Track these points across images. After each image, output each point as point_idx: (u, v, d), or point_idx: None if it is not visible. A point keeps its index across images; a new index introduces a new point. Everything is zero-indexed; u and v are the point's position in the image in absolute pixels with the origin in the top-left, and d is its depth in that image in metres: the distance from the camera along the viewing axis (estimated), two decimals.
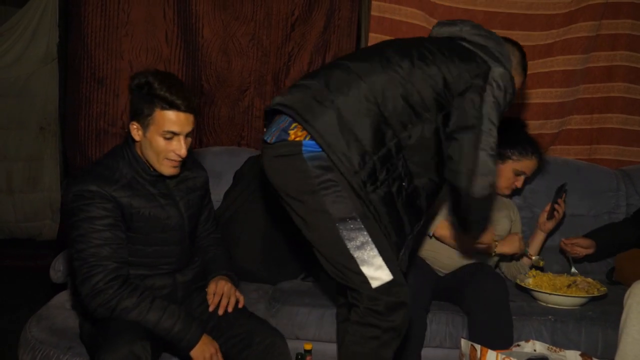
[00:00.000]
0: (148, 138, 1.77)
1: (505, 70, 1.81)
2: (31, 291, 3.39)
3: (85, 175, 1.78)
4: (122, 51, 2.89)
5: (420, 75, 1.70)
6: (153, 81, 1.72)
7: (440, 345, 2.26)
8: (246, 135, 3.11)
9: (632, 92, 3.10)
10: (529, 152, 2.49)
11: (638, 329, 1.99)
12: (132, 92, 1.77)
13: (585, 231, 2.79)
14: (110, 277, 1.70)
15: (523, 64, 2.17)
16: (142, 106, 1.74)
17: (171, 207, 1.87)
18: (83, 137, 2.91)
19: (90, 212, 1.72)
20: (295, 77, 3.07)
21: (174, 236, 1.89)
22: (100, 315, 1.71)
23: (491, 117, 1.76)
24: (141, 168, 1.82)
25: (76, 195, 1.74)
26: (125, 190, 1.78)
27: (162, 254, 1.88)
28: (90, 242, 1.71)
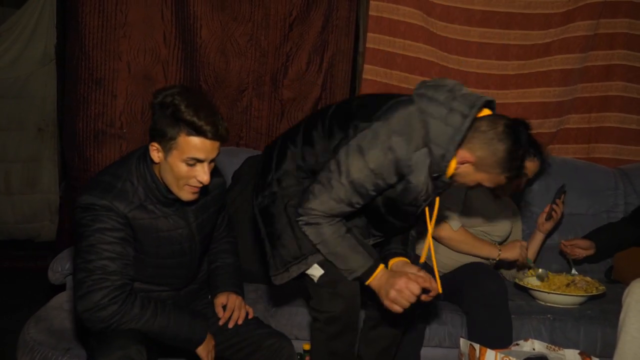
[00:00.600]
0: (169, 162, 1.63)
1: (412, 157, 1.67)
2: (30, 292, 3.38)
3: (99, 187, 1.67)
4: (120, 52, 2.88)
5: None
6: (179, 103, 1.57)
7: (439, 345, 2.26)
8: (245, 136, 3.10)
9: (630, 91, 3.10)
10: (531, 154, 2.47)
11: (637, 327, 2.00)
12: (154, 110, 1.62)
13: (584, 230, 2.79)
14: (114, 295, 1.61)
15: (508, 164, 1.76)
16: (165, 128, 1.59)
17: (184, 229, 1.78)
18: (81, 138, 2.90)
19: (103, 222, 1.63)
20: (293, 78, 3.08)
21: (183, 261, 1.82)
22: (99, 329, 1.63)
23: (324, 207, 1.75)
24: (158, 190, 1.70)
25: (89, 207, 1.64)
26: (139, 211, 1.68)
27: (169, 276, 1.82)
28: (100, 254, 1.61)
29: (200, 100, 1.64)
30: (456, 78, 3.04)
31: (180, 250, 1.79)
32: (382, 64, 3.04)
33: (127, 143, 2.89)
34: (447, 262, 2.44)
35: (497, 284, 2.22)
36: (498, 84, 3.06)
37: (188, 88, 1.71)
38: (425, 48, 3.03)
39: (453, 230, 2.37)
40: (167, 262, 1.79)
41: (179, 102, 1.57)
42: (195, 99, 1.62)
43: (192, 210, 1.80)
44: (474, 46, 3.04)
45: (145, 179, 1.70)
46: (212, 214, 1.89)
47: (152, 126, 1.64)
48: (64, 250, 2.44)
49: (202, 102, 1.63)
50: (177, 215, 1.77)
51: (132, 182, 1.69)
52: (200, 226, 1.83)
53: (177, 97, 1.59)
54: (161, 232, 1.73)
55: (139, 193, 1.69)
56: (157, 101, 1.61)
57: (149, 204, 1.71)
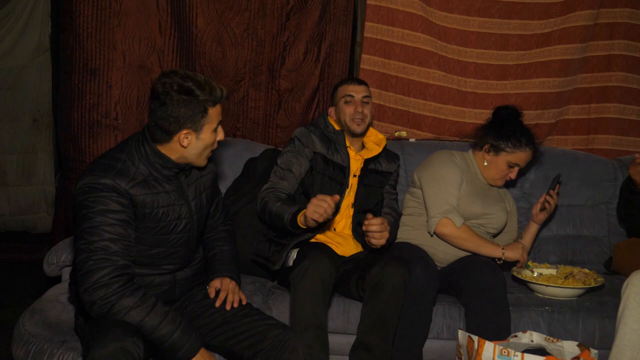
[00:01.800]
0: (201, 138, 1.78)
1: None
2: (26, 284, 3.37)
3: (99, 168, 1.71)
4: (114, 41, 2.84)
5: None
6: (191, 85, 1.71)
7: (437, 337, 2.26)
8: (241, 126, 3.08)
9: (630, 81, 3.08)
10: (523, 144, 2.46)
11: (636, 319, 1.99)
12: (173, 103, 1.70)
13: (582, 222, 2.79)
14: (115, 274, 1.63)
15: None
16: (194, 111, 1.73)
17: (183, 207, 1.84)
18: (76, 129, 2.87)
19: (105, 204, 1.66)
20: (290, 68, 3.04)
21: (181, 239, 1.85)
22: (96, 311, 1.63)
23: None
24: (164, 165, 1.77)
25: (90, 187, 1.67)
26: (141, 187, 1.73)
27: (165, 256, 1.84)
28: (102, 235, 1.64)
29: (194, 74, 1.77)
30: (455, 68, 3.03)
31: (179, 226, 1.83)
32: (380, 53, 3.02)
33: (123, 134, 2.86)
34: (443, 257, 2.43)
35: (496, 276, 2.21)
36: (497, 75, 3.04)
37: (175, 70, 1.76)
38: (424, 38, 3.01)
39: (456, 227, 2.35)
40: (165, 240, 1.81)
41: (192, 87, 1.72)
42: (191, 75, 1.75)
43: (190, 190, 1.87)
44: (473, 36, 3.02)
45: (147, 157, 1.77)
46: (207, 195, 1.96)
47: (177, 117, 1.72)
48: (59, 242, 2.42)
49: (199, 77, 1.76)
50: (176, 192, 1.83)
51: (133, 161, 1.76)
52: (197, 206, 1.89)
53: (182, 82, 1.71)
54: (161, 208, 1.78)
55: (140, 170, 1.76)
56: (174, 96, 1.70)
57: (152, 179, 1.77)
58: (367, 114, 2.41)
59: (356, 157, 2.43)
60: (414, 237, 2.46)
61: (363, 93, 2.42)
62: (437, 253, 2.43)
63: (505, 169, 2.49)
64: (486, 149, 2.50)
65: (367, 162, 2.43)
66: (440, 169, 2.45)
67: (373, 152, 2.45)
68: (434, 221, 2.38)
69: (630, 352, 1.98)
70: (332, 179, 2.36)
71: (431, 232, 2.41)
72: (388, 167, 2.50)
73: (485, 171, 2.52)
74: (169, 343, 1.67)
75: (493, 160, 2.49)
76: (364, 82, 2.47)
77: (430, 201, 2.42)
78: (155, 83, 1.73)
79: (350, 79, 2.50)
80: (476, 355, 1.95)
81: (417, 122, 3.07)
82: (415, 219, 2.50)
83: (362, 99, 2.41)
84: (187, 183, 1.87)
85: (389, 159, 2.52)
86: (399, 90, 3.04)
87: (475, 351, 1.96)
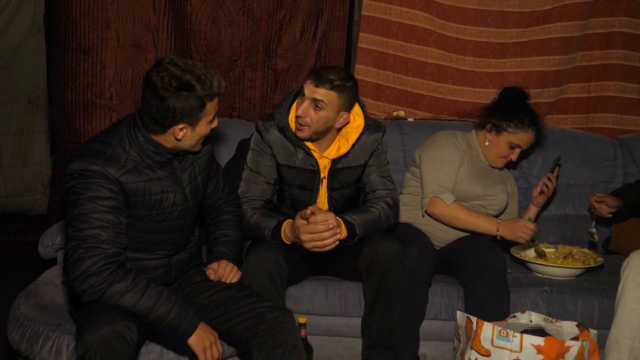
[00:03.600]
0: (197, 131, 1.74)
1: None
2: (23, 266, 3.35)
3: (88, 154, 1.68)
4: (107, 20, 2.78)
5: None
6: (191, 80, 1.65)
7: (435, 317, 2.26)
8: (238, 107, 3.04)
9: (630, 59, 3.04)
10: (526, 125, 2.43)
11: (635, 299, 1.99)
12: (171, 98, 1.65)
13: (582, 201, 2.78)
14: (105, 262, 1.61)
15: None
16: (192, 106, 1.68)
17: (178, 193, 1.81)
18: (70, 110, 2.83)
19: (94, 191, 1.63)
20: (287, 47, 3.00)
21: (176, 225, 1.83)
22: (87, 299, 1.62)
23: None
24: (153, 150, 1.73)
25: (79, 173, 1.64)
26: (132, 175, 1.69)
27: (160, 241, 1.82)
28: (91, 223, 1.62)
29: (195, 65, 1.70)
30: (454, 46, 2.99)
31: (174, 213, 1.81)
32: (378, 32, 2.97)
33: (117, 114, 2.82)
34: (443, 237, 2.42)
35: (496, 256, 2.19)
36: (497, 53, 3.00)
37: (173, 60, 1.69)
38: (422, 16, 2.96)
39: (446, 205, 2.33)
40: (159, 227, 1.79)
41: (191, 80, 1.66)
42: (194, 68, 1.69)
43: (184, 175, 1.84)
44: (472, 13, 2.97)
45: (138, 143, 1.72)
46: (203, 179, 1.93)
47: (175, 111, 1.66)
48: (54, 224, 2.40)
49: (198, 66, 1.70)
50: (170, 179, 1.79)
51: (124, 147, 1.71)
52: (192, 191, 1.86)
53: (181, 76, 1.65)
54: (154, 195, 1.75)
55: (132, 157, 1.71)
56: (173, 92, 1.64)
57: (143, 166, 1.73)
58: (312, 120, 2.04)
59: (322, 158, 2.17)
60: (415, 216, 2.44)
61: (314, 95, 2.02)
62: (436, 233, 2.41)
63: (506, 150, 2.45)
64: (488, 128, 2.47)
65: (335, 162, 2.18)
66: (440, 149, 2.42)
67: (342, 150, 2.16)
68: (425, 201, 2.37)
69: (629, 331, 1.98)
70: (302, 188, 2.18)
71: (422, 212, 2.38)
72: (364, 155, 2.20)
73: (486, 151, 2.49)
74: (166, 322, 1.66)
75: (494, 140, 2.46)
76: (328, 82, 2.01)
77: (425, 181, 2.40)
78: (152, 73, 1.66)
79: (317, 72, 2.06)
80: (475, 336, 1.95)
81: (415, 102, 3.03)
82: (416, 198, 2.48)
83: (313, 100, 2.03)
84: (181, 169, 1.83)
85: (364, 147, 2.19)
86: (397, 69, 3.01)
87: (473, 332, 1.96)
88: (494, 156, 2.48)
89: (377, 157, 2.24)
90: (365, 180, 2.24)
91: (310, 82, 2.05)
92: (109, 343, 1.52)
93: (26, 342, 1.84)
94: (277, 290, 1.99)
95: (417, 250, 2.15)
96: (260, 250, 2.01)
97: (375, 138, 2.22)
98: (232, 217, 2.07)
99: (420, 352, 2.25)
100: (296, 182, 2.18)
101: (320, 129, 2.09)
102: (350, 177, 2.21)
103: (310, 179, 2.17)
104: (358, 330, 2.18)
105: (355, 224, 2.05)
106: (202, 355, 1.70)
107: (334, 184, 2.19)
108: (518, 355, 1.90)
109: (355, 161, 2.20)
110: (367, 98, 2.95)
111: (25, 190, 4.54)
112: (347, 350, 2.31)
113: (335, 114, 2.08)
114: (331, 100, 2.04)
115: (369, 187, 2.24)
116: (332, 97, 2.03)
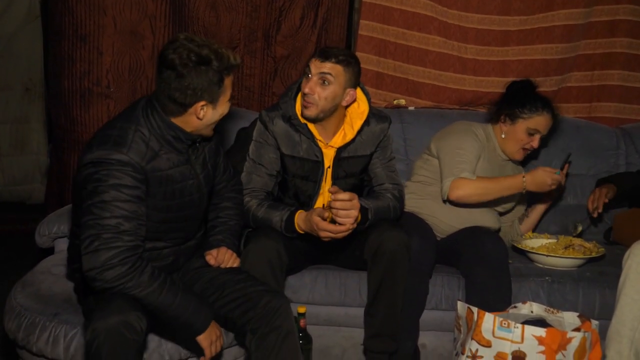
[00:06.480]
0: (218, 109, 1.71)
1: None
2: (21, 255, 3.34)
3: (109, 141, 1.62)
4: (104, 6, 2.75)
5: None
6: (209, 54, 1.62)
7: (436, 307, 2.24)
8: (236, 95, 3.01)
9: (634, 47, 3.01)
10: (539, 108, 2.37)
11: (637, 290, 1.98)
12: (191, 74, 1.61)
13: (584, 191, 2.76)
14: (126, 255, 1.56)
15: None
16: (212, 81, 1.65)
17: (194, 180, 1.79)
18: (67, 98, 2.80)
19: (119, 179, 1.58)
20: (286, 34, 2.96)
21: (192, 214, 1.81)
22: (100, 291, 1.58)
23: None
24: (174, 135, 1.69)
25: (102, 162, 1.59)
26: (156, 162, 1.67)
27: (173, 229, 1.79)
28: (114, 212, 1.56)
29: (209, 43, 1.67)
30: (456, 34, 2.95)
31: (191, 202, 1.79)
32: (378, 19, 2.93)
33: (115, 102, 2.79)
34: (444, 229, 2.39)
35: (497, 246, 2.17)
36: (499, 41, 2.96)
37: (189, 36, 1.67)
38: (423, 2, 2.92)
39: (471, 180, 2.23)
40: (176, 216, 1.76)
41: (208, 55, 1.62)
42: (209, 45, 1.66)
43: (198, 163, 1.82)
44: (474, 1, 2.93)
45: (157, 128, 1.68)
46: (212, 165, 1.91)
47: (194, 89, 1.63)
48: (51, 213, 2.38)
49: (212, 43, 1.67)
50: (187, 166, 1.77)
51: (143, 132, 1.67)
52: (206, 178, 1.85)
53: (199, 51, 1.62)
54: (176, 184, 1.72)
55: (152, 143, 1.67)
56: (192, 67, 1.61)
57: (164, 153, 1.69)
58: (320, 97, 2.03)
59: (327, 148, 2.16)
60: (420, 206, 2.41)
61: (321, 69, 2.02)
62: (439, 224, 2.38)
63: (524, 138, 2.39)
64: (502, 119, 2.42)
65: (340, 151, 2.15)
66: (460, 138, 2.36)
67: (348, 137, 2.15)
68: (445, 187, 2.26)
69: (631, 322, 1.97)
70: (305, 179, 2.17)
71: (444, 197, 2.29)
72: (370, 145, 2.19)
73: (503, 144, 2.43)
74: (182, 320, 1.65)
75: (510, 130, 2.41)
76: (333, 56, 2.03)
77: (444, 168, 2.32)
78: (168, 52, 1.62)
79: (321, 50, 2.10)
80: (475, 326, 1.93)
81: (416, 90, 3.00)
82: (424, 187, 2.44)
83: (320, 75, 2.03)
84: (196, 156, 1.81)
85: (370, 137, 2.18)
86: (398, 57, 2.97)
87: (474, 322, 1.94)
88: (512, 148, 2.41)
89: (383, 150, 2.24)
90: (371, 173, 2.24)
91: (316, 59, 2.06)
92: (118, 332, 1.51)
93: (23, 332, 1.83)
94: (277, 280, 1.98)
95: (419, 241, 2.13)
96: (260, 239, 1.99)
97: (382, 128, 2.21)
98: (233, 205, 2.04)
99: (420, 342, 2.24)
100: (299, 173, 2.16)
101: (327, 106, 2.07)
102: (355, 166, 2.20)
103: (313, 169, 2.15)
104: (358, 320, 2.17)
105: (368, 209, 2.06)
106: (208, 349, 1.70)
107: (338, 172, 2.17)
108: (519, 346, 1.88)
109: (361, 150, 2.19)
110: (368, 86, 2.90)
111: (23, 179, 4.52)
112: (346, 340, 2.30)
113: (342, 90, 2.07)
114: (338, 74, 2.04)
115: (375, 180, 2.23)
116: (338, 70, 2.04)
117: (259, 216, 2.09)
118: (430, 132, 2.72)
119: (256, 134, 2.20)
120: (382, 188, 2.21)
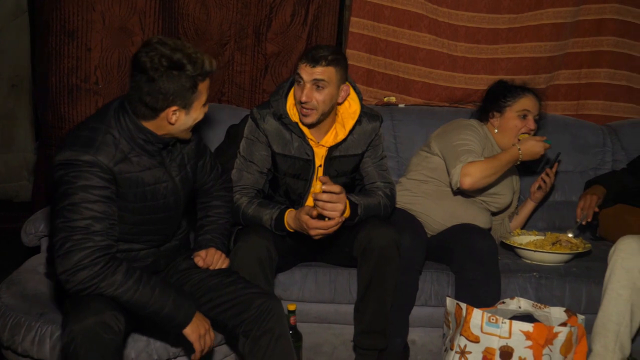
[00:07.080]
0: (191, 115, 1.69)
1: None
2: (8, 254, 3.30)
3: (78, 142, 1.61)
4: (93, 2, 2.71)
5: None
6: (182, 59, 1.60)
7: (425, 304, 2.25)
8: (227, 92, 3.00)
9: (620, 46, 3.04)
10: (520, 92, 2.43)
11: (622, 285, 2.01)
12: (162, 79, 1.59)
13: (571, 188, 2.79)
14: (97, 255, 1.55)
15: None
16: (184, 87, 1.62)
17: (168, 182, 1.76)
18: (54, 94, 2.77)
19: (87, 179, 1.57)
20: (277, 31, 2.95)
21: (167, 216, 1.79)
22: (75, 292, 1.56)
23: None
24: (146, 140, 1.67)
25: (71, 163, 1.58)
26: (124, 164, 1.64)
27: (150, 232, 1.78)
28: (84, 213, 1.55)
29: (186, 46, 1.65)
30: (446, 32, 2.96)
31: (165, 204, 1.77)
32: (369, 16, 2.94)
33: (103, 99, 2.76)
34: (436, 227, 2.40)
35: (488, 243, 2.18)
36: (488, 39, 2.98)
37: (162, 40, 1.64)
38: (414, 0, 2.93)
39: (480, 161, 2.21)
40: (150, 218, 1.75)
41: (181, 59, 1.60)
42: (184, 48, 1.64)
43: (173, 165, 1.79)
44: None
45: (128, 130, 1.66)
46: (192, 167, 1.88)
47: (166, 94, 1.61)
48: (37, 211, 2.36)
49: (190, 47, 1.66)
50: (160, 169, 1.74)
51: (114, 134, 1.65)
52: (183, 181, 1.82)
53: (171, 55, 1.60)
54: (147, 186, 1.70)
55: (122, 145, 1.66)
56: (163, 72, 1.59)
57: (134, 155, 1.67)
58: (318, 102, 2.04)
59: (318, 147, 2.16)
60: (413, 202, 2.42)
61: (314, 76, 2.02)
62: (431, 222, 2.39)
63: (518, 123, 2.41)
64: (491, 115, 2.46)
65: (331, 150, 2.16)
66: (462, 132, 2.37)
67: (339, 137, 2.16)
68: (455, 175, 2.23)
69: (616, 317, 2.00)
70: (296, 177, 2.17)
71: (455, 187, 2.26)
72: (362, 144, 2.19)
73: (499, 138, 2.45)
74: (163, 315, 1.63)
75: (502, 122, 2.44)
76: (323, 59, 2.01)
77: (449, 159, 2.31)
78: (140, 54, 1.60)
79: (308, 54, 2.06)
80: (464, 322, 1.95)
81: (406, 87, 3.01)
82: (419, 185, 2.45)
83: (313, 82, 2.03)
84: (170, 158, 1.78)
85: (362, 136, 2.19)
86: (389, 55, 2.98)
87: (463, 318, 1.96)
88: (509, 139, 2.42)
89: (375, 149, 2.24)
90: (362, 172, 2.24)
91: (306, 65, 2.04)
92: (94, 333, 1.49)
93: (8, 332, 1.79)
94: (267, 277, 1.97)
95: (410, 238, 2.14)
96: (249, 237, 1.99)
97: (373, 127, 2.21)
98: (222, 204, 2.04)
99: (410, 338, 2.25)
100: (290, 171, 2.16)
101: (327, 108, 2.09)
102: (346, 165, 2.20)
103: (304, 168, 2.15)
104: (348, 317, 2.18)
105: (358, 205, 2.08)
106: (196, 343, 1.68)
107: (330, 172, 2.16)
108: (507, 341, 1.90)
109: (352, 149, 2.19)
110: (358, 84, 2.91)
111: (9, 176, 4.48)
112: (336, 337, 2.30)
113: (337, 89, 2.09)
114: (331, 76, 2.05)
115: (367, 178, 2.24)
116: (331, 72, 2.04)
117: (249, 214, 2.09)
118: (421, 130, 2.73)
119: (247, 131, 2.19)
120: (373, 186, 2.22)
